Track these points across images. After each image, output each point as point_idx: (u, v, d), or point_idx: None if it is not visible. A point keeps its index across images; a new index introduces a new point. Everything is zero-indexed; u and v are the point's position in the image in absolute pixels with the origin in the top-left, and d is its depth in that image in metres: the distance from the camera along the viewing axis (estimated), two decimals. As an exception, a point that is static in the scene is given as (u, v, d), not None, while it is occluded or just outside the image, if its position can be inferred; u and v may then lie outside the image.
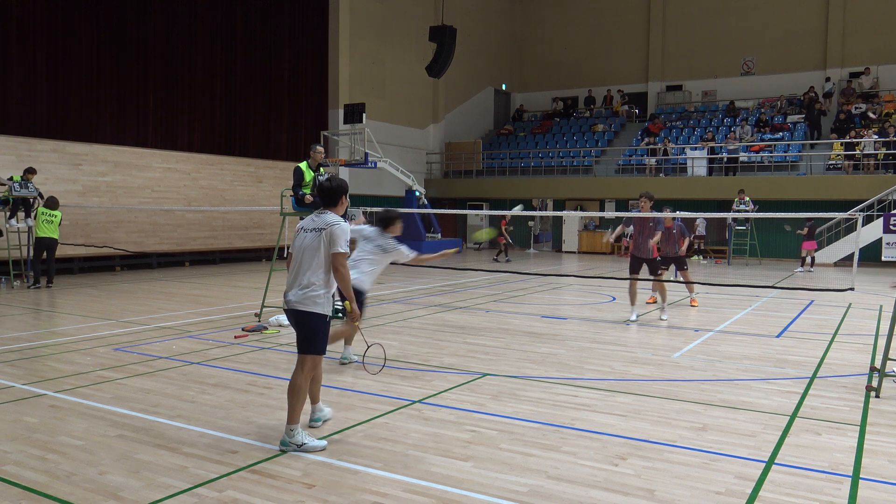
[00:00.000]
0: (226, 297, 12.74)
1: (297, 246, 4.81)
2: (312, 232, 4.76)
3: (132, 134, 18.84)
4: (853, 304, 12.34)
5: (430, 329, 9.40)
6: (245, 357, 7.59)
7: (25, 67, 16.54)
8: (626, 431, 5.10)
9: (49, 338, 8.77)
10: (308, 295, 4.67)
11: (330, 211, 4.85)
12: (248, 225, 21.10)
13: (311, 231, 4.77)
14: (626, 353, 8.02)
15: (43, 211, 13.63)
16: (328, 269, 4.73)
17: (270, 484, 4.11)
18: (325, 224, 4.73)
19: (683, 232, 11.79)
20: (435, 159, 30.51)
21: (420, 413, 5.53)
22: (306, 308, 4.67)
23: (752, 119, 27.29)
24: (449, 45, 24.67)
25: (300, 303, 4.67)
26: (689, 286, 12.08)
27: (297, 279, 4.72)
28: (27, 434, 4.95)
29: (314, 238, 4.73)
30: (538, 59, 34.70)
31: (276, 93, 22.92)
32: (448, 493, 3.99)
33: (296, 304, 4.69)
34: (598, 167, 27.92)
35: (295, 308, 4.70)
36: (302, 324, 4.72)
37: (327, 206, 4.88)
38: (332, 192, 4.87)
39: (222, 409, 5.58)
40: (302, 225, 4.88)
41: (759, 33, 29.34)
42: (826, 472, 4.36)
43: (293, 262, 4.82)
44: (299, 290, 4.69)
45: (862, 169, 22.85)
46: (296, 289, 4.71)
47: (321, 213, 4.84)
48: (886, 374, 6.40)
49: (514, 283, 15.27)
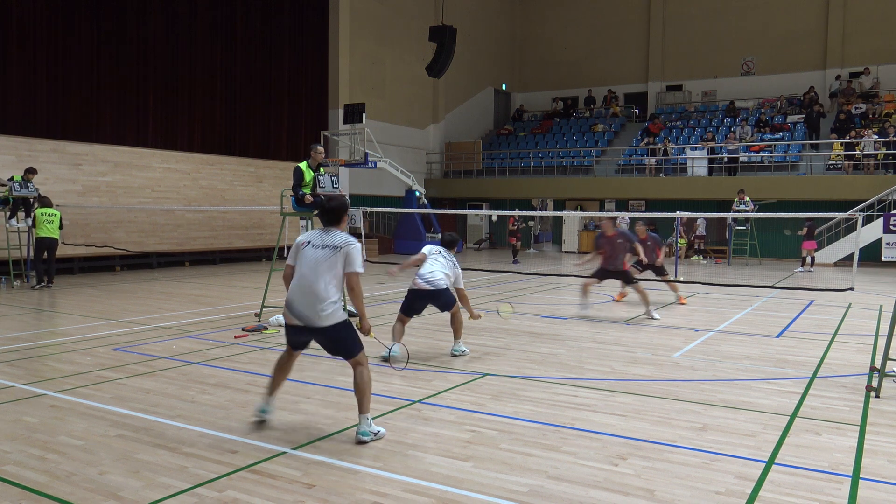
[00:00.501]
0: (226, 297, 12.74)
1: (308, 261, 4.85)
2: (325, 249, 4.84)
3: (132, 134, 18.84)
4: (853, 304, 12.34)
5: (430, 329, 9.40)
6: (245, 357, 7.59)
7: (25, 67, 16.54)
8: (626, 431, 5.10)
9: (49, 338, 8.77)
10: (329, 311, 4.78)
11: (336, 229, 4.98)
12: (248, 225, 21.10)
13: (321, 248, 4.85)
14: (626, 353, 8.02)
15: (42, 211, 13.63)
16: (340, 287, 4.87)
17: (270, 484, 4.11)
18: (339, 243, 4.85)
19: (658, 242, 12.15)
20: (435, 159, 30.51)
21: (420, 413, 5.53)
22: (332, 322, 4.79)
23: (752, 119, 27.29)
24: (449, 45, 24.67)
25: (324, 319, 4.77)
26: (673, 287, 12.31)
27: (314, 296, 4.77)
28: (27, 434, 4.95)
29: (328, 255, 4.82)
30: (538, 59, 34.70)
31: (276, 93, 22.92)
32: (448, 493, 3.99)
33: (319, 322, 4.77)
34: (598, 167, 27.92)
35: (319, 325, 4.78)
36: (334, 337, 4.85)
37: (330, 225, 4.99)
38: (335, 212, 5.01)
39: (222, 409, 5.58)
40: (308, 240, 4.93)
41: (759, 33, 29.35)
42: (826, 472, 4.36)
43: (301, 278, 4.85)
44: (318, 306, 4.76)
45: (862, 169, 22.85)
46: (314, 306, 4.76)
47: (329, 231, 4.95)
48: (886, 374, 6.40)
49: (514, 283, 15.27)
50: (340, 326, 4.84)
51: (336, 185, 9.91)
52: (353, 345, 4.90)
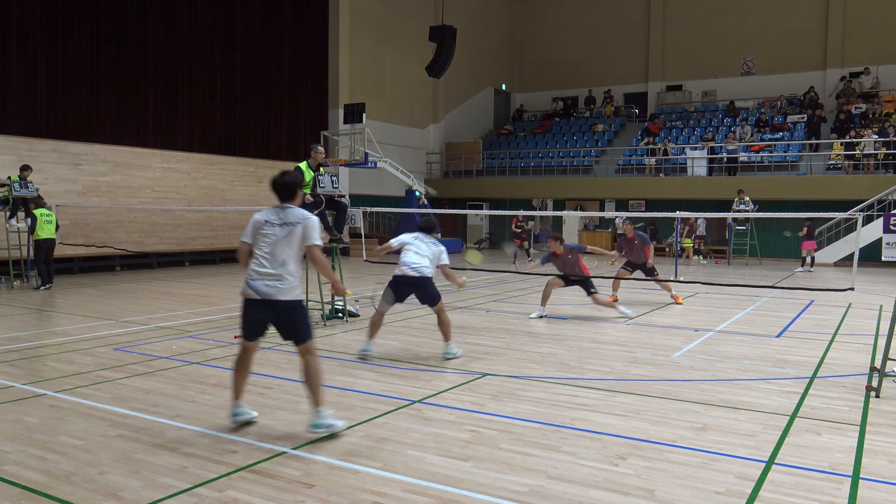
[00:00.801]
0: (226, 297, 12.74)
1: (268, 239, 4.94)
2: (284, 226, 4.95)
3: (132, 134, 18.84)
4: (853, 304, 12.34)
5: (431, 329, 9.39)
6: (245, 357, 7.57)
7: (25, 67, 16.54)
8: (626, 431, 5.10)
9: (49, 338, 8.77)
10: (289, 286, 4.90)
11: (292, 205, 5.07)
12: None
13: (280, 225, 4.96)
14: (626, 353, 8.01)
15: (40, 212, 13.61)
16: (299, 261, 5.00)
17: (270, 484, 4.11)
18: (297, 219, 4.96)
19: (645, 241, 12.05)
20: (435, 159, 30.51)
21: (420, 413, 5.53)
22: (290, 297, 4.89)
23: (752, 119, 27.30)
24: (449, 45, 24.67)
25: (283, 292, 4.87)
26: (665, 287, 12.27)
27: (273, 271, 4.89)
28: (27, 434, 4.95)
29: (287, 231, 4.94)
30: (538, 59, 34.70)
31: (276, 93, 22.93)
32: (448, 493, 3.99)
33: (279, 294, 4.86)
34: (598, 167, 27.92)
35: (278, 298, 4.86)
36: (291, 314, 4.91)
37: (285, 201, 5.07)
38: (288, 187, 5.08)
39: (222, 409, 5.57)
40: (265, 218, 5.01)
41: (759, 33, 29.35)
42: (826, 472, 4.36)
43: (262, 254, 4.93)
44: (277, 281, 4.88)
45: (862, 169, 22.85)
46: (273, 280, 4.88)
47: (285, 208, 5.03)
48: (886, 374, 6.39)
49: (514, 283, 15.27)
50: (298, 304, 4.94)
51: (336, 185, 9.91)
52: (306, 330, 4.96)
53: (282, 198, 5.07)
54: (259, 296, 4.88)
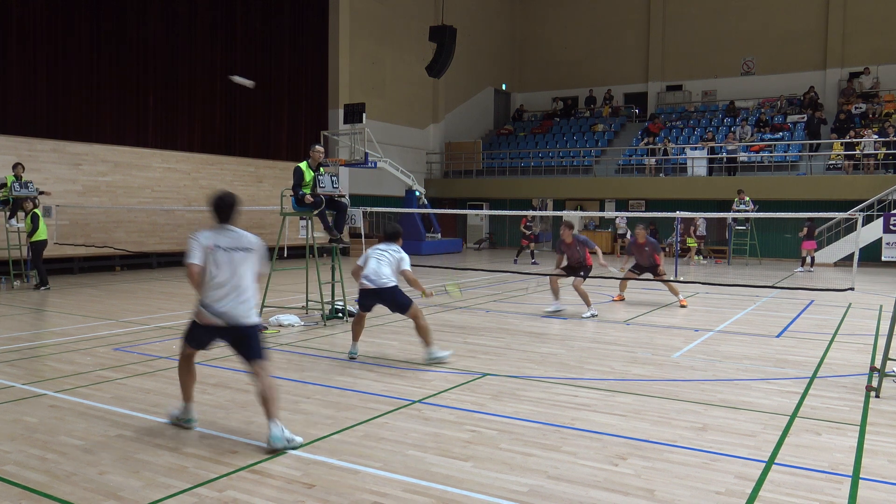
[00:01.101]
0: (226, 297, 12.72)
1: (227, 264, 4.88)
2: (242, 251, 4.96)
3: (132, 134, 18.83)
4: (853, 304, 12.34)
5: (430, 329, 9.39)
6: (245, 357, 7.58)
7: (25, 67, 16.54)
8: (626, 431, 5.10)
9: (49, 338, 8.77)
10: (254, 310, 5.00)
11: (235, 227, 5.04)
12: (249, 225, 21.07)
13: (239, 250, 4.95)
14: (626, 353, 8.02)
15: (40, 213, 13.62)
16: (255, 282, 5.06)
17: (270, 484, 4.11)
18: (251, 244, 5.00)
19: (656, 247, 12.22)
20: (435, 159, 30.51)
21: (420, 413, 5.53)
22: (254, 321, 4.96)
23: (752, 119, 27.29)
24: (449, 45, 24.66)
25: (248, 317, 4.92)
26: (672, 288, 12.18)
27: (239, 296, 4.90)
28: (27, 434, 4.95)
29: (246, 256, 4.97)
30: (538, 59, 34.70)
31: (276, 93, 22.92)
32: (448, 493, 3.99)
33: (245, 319, 4.90)
34: (598, 167, 27.92)
35: (244, 323, 4.89)
36: (253, 335, 4.95)
37: (226, 222, 5.01)
38: (233, 209, 5.03)
39: (222, 409, 5.58)
40: (217, 243, 4.89)
41: (759, 33, 29.34)
42: (826, 472, 4.36)
43: (224, 280, 4.86)
44: (244, 305, 4.92)
45: (862, 169, 22.85)
46: (242, 305, 4.91)
47: (233, 230, 5.00)
48: (886, 374, 6.40)
49: (514, 283, 15.27)
50: (257, 325, 5.02)
51: (336, 185, 9.90)
52: (263, 346, 4.99)
53: (223, 219, 5.01)
54: (224, 322, 4.86)
